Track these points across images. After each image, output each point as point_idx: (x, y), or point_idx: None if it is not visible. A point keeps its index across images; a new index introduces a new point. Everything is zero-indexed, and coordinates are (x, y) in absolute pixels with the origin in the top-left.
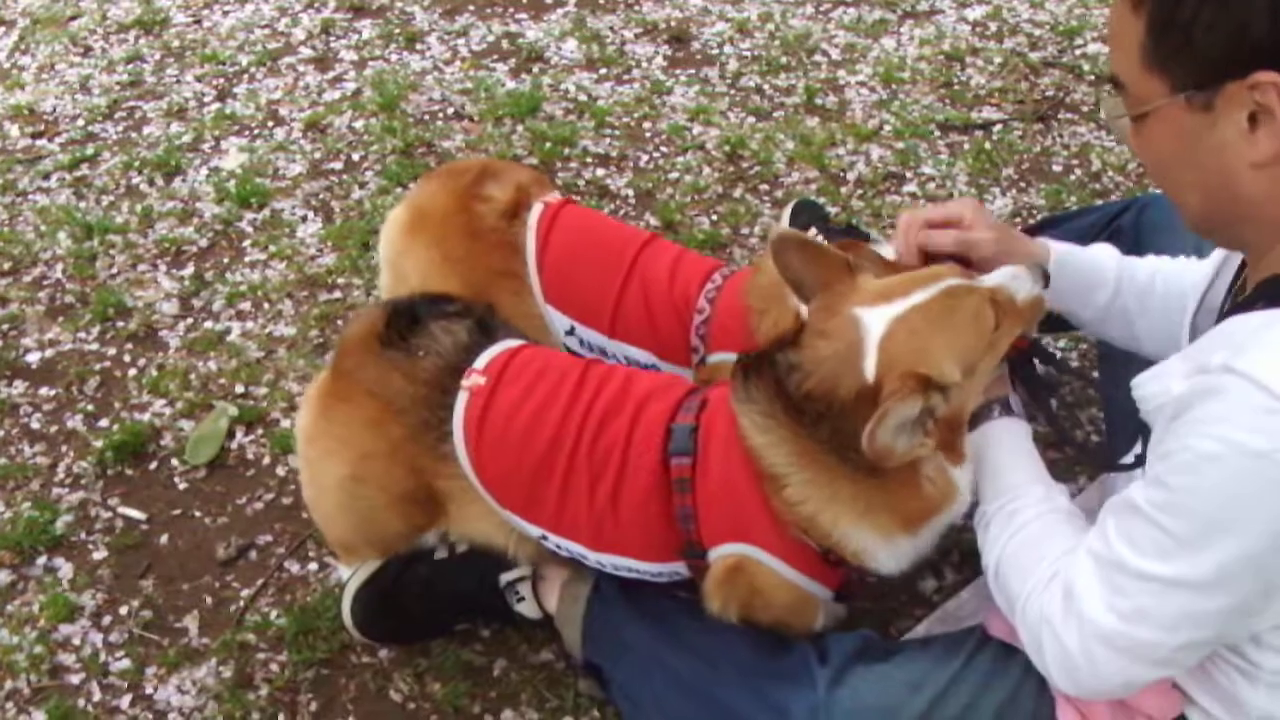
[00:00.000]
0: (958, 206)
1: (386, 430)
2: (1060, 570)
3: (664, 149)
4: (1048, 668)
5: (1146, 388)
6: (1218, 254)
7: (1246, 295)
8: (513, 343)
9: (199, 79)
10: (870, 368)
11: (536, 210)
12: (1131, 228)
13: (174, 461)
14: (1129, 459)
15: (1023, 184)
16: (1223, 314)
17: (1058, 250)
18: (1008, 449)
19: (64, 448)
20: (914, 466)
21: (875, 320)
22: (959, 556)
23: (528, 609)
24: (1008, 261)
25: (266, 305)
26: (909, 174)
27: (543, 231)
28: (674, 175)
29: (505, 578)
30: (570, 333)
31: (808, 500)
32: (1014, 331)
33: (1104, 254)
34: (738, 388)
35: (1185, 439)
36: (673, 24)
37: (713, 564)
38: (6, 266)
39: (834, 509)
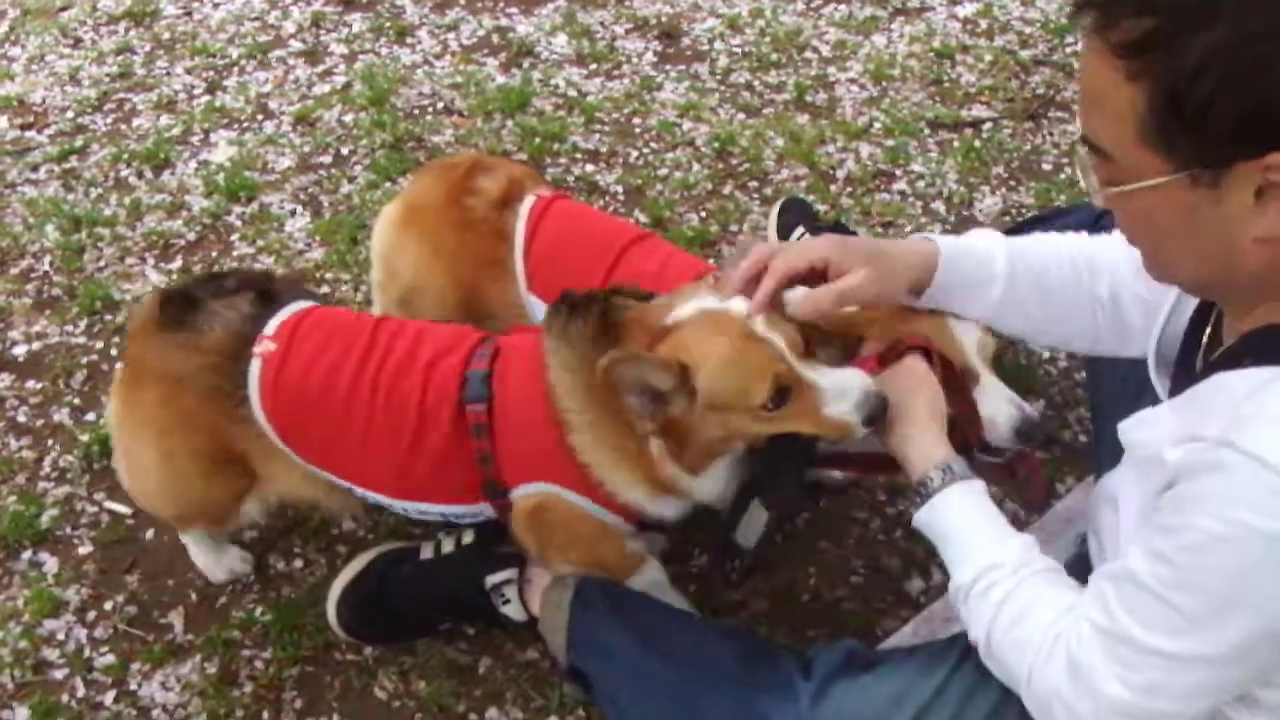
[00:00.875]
0: (821, 249)
1: (179, 403)
2: (1060, 638)
3: (653, 145)
4: None
5: (1135, 434)
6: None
7: (1231, 348)
8: (301, 305)
9: (189, 71)
10: (675, 317)
11: (529, 201)
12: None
13: None
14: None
15: (1012, 182)
16: (1194, 355)
17: (947, 252)
18: (962, 520)
19: (50, 441)
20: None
21: (707, 299)
22: None
23: (513, 611)
24: (888, 298)
25: None
26: (899, 172)
27: (534, 221)
28: (663, 172)
29: (491, 580)
30: None
31: (588, 445)
32: (798, 428)
33: (993, 246)
34: (554, 326)
35: (1190, 516)
36: (663, 20)
37: (516, 504)
38: None
39: (603, 455)
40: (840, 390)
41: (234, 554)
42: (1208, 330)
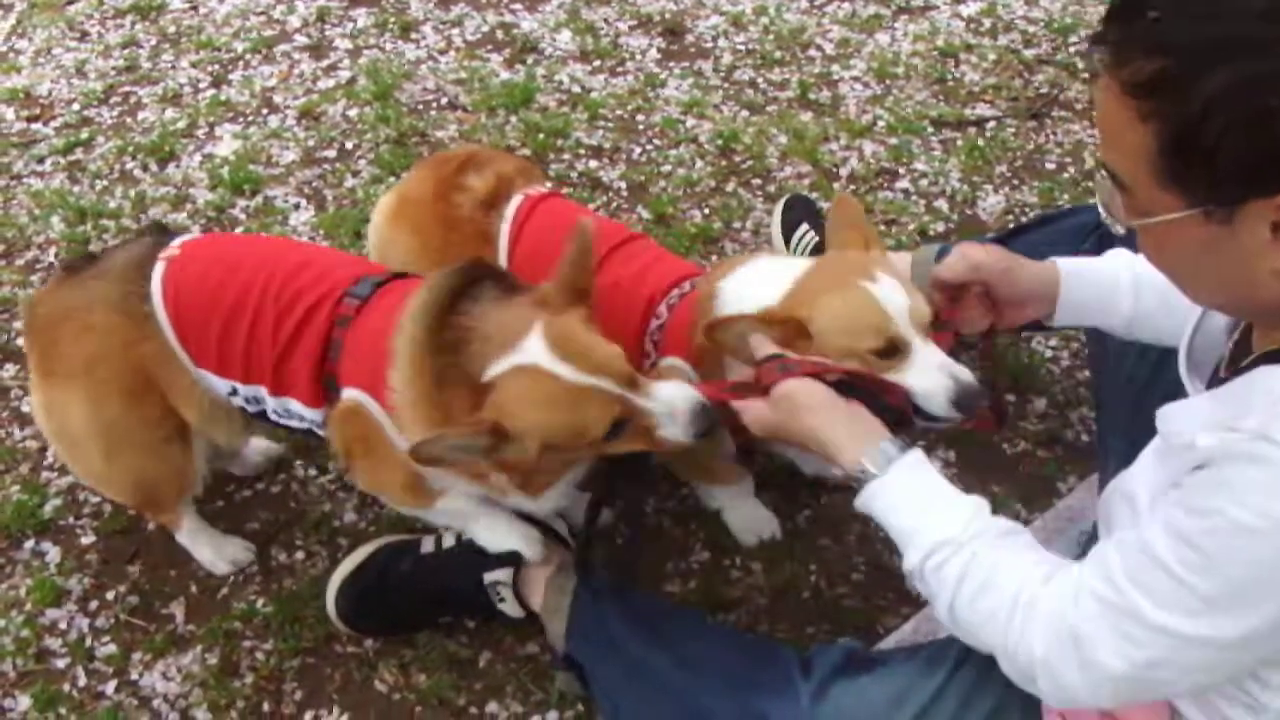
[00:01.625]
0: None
1: (94, 320)
2: (1035, 604)
3: (657, 142)
4: (1049, 697)
5: (1173, 423)
6: None
7: (1274, 347)
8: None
9: (194, 65)
10: (491, 373)
11: (515, 202)
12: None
13: None
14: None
15: (1015, 181)
16: (1233, 352)
17: (1066, 269)
18: (903, 504)
19: None
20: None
21: (531, 350)
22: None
23: (509, 608)
24: (1010, 290)
25: None
26: (902, 170)
27: (518, 223)
28: (666, 168)
29: (488, 577)
30: None
31: (399, 394)
32: (634, 448)
33: (1117, 262)
34: (442, 274)
35: (1221, 503)
36: (667, 17)
37: (338, 405)
38: (0, 250)
39: (410, 414)
40: (668, 411)
41: (236, 544)
42: (1235, 335)
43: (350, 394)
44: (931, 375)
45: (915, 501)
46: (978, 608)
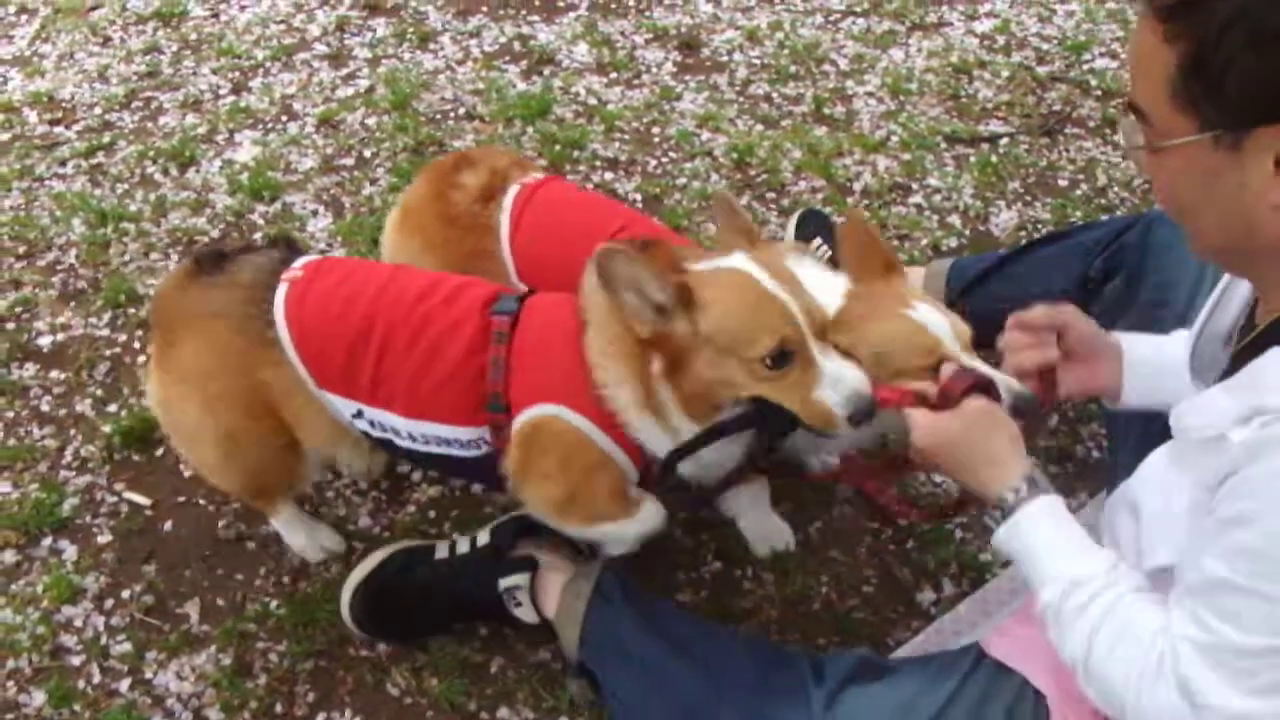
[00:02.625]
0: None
1: (214, 339)
2: (1164, 659)
3: (672, 154)
4: None
5: (1189, 419)
6: (1217, 287)
7: (1275, 324)
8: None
9: (215, 72)
10: (695, 270)
11: (512, 191)
12: (1138, 244)
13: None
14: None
15: (1028, 198)
16: (1240, 343)
17: (1130, 342)
18: (1048, 541)
19: (72, 431)
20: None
21: (736, 260)
22: (958, 569)
23: (524, 614)
24: (1091, 343)
25: None
26: (915, 185)
27: (516, 212)
28: (681, 181)
29: (504, 583)
30: None
31: (597, 348)
32: (781, 399)
33: (1174, 336)
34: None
35: (1265, 500)
36: (683, 31)
37: (516, 426)
38: (21, 250)
39: (609, 359)
40: (835, 379)
41: (327, 532)
42: (1240, 321)
43: (536, 410)
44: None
45: (1063, 537)
46: (1117, 654)
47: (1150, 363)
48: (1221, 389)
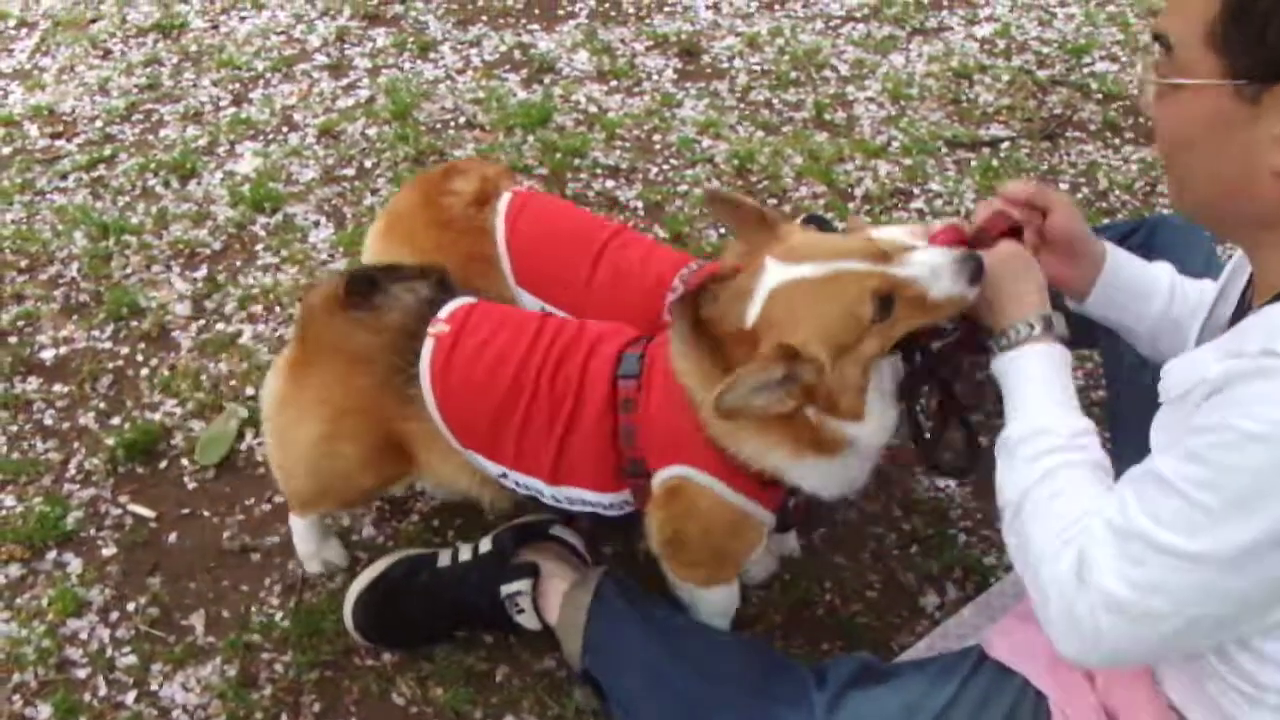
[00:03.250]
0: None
1: (356, 383)
2: (1075, 536)
3: (673, 161)
4: (1050, 624)
5: (1175, 374)
6: (1224, 272)
7: (1274, 295)
8: (471, 299)
9: (215, 84)
10: (752, 316)
11: (505, 198)
12: (1141, 249)
13: (184, 461)
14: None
15: None
16: (1238, 317)
17: (1114, 249)
18: (1038, 378)
19: (76, 444)
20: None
21: (774, 274)
22: (961, 573)
23: (527, 621)
24: (1070, 235)
25: (278, 309)
26: (916, 190)
27: (512, 216)
28: (683, 188)
29: (506, 590)
30: None
31: (713, 421)
32: (914, 323)
33: (1158, 266)
34: (674, 315)
35: (1227, 417)
36: (683, 38)
37: (655, 488)
38: (23, 264)
39: (740, 430)
40: (931, 270)
41: (334, 546)
42: (1238, 295)
43: (669, 472)
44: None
45: (1050, 384)
46: (1040, 512)
47: (1129, 282)
48: (1210, 346)
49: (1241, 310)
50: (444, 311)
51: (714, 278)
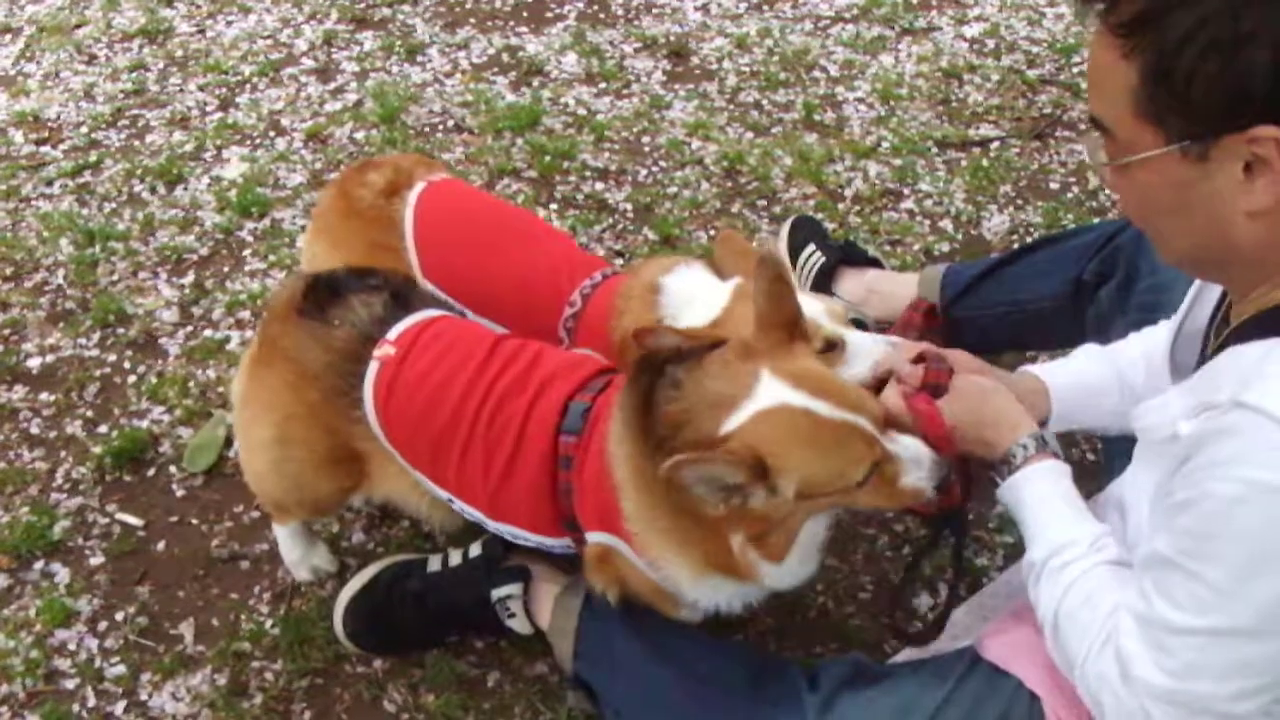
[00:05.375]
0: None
1: (304, 394)
2: (1110, 633)
3: (663, 163)
4: None
5: (1147, 419)
6: (1194, 283)
7: (1238, 326)
8: (431, 314)
9: (202, 88)
10: (730, 425)
11: (418, 188)
12: (1131, 246)
13: (172, 469)
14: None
15: (1020, 201)
16: (1208, 343)
17: (1054, 386)
18: (1046, 495)
19: (63, 453)
20: (724, 530)
21: (771, 393)
22: (953, 574)
23: (518, 625)
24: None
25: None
26: (906, 191)
27: (421, 207)
28: (672, 190)
29: (496, 594)
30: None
31: (633, 517)
32: (875, 499)
33: (1091, 363)
34: (621, 396)
35: (1204, 484)
36: (672, 39)
37: (587, 548)
38: (9, 271)
39: (652, 534)
40: (916, 460)
41: (321, 552)
42: (1214, 323)
43: (597, 538)
44: (869, 351)
45: (1053, 502)
46: (1077, 618)
47: (1071, 389)
48: (1177, 390)
49: (1224, 322)
50: (394, 332)
51: (677, 355)
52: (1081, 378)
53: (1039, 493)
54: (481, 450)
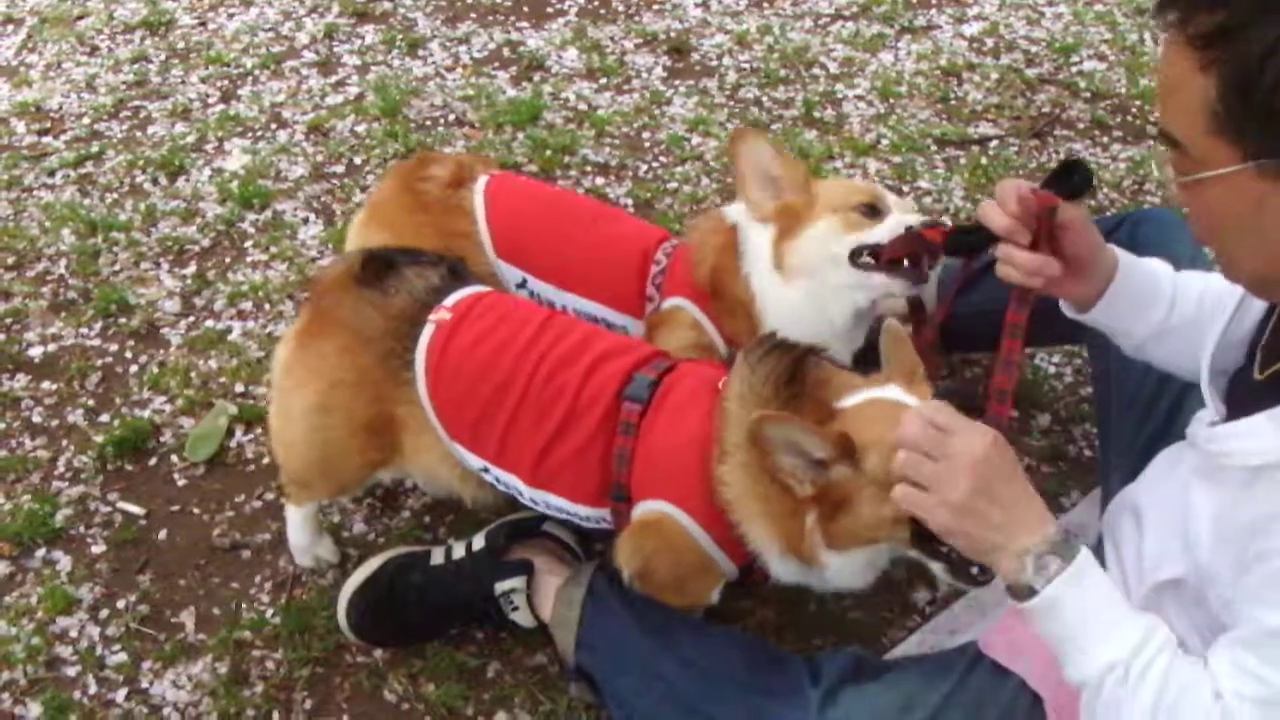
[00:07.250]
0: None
1: (355, 358)
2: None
3: (663, 159)
4: None
5: (1228, 444)
6: (1235, 290)
7: None
8: (481, 289)
9: (203, 80)
10: (847, 404)
11: (483, 179)
12: (1126, 244)
13: (174, 458)
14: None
15: None
16: (1254, 355)
17: (1124, 259)
18: (1097, 604)
19: (65, 442)
20: (803, 510)
21: (891, 391)
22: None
23: (522, 617)
24: (1087, 253)
25: (267, 305)
26: (905, 188)
27: (490, 194)
28: (672, 185)
29: (500, 587)
30: (521, 285)
31: (735, 482)
32: (897, 535)
33: (1163, 272)
34: (750, 355)
35: None
36: (672, 35)
37: (634, 516)
38: (11, 261)
39: (749, 499)
40: None
41: (326, 544)
42: (1265, 337)
43: (652, 505)
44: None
45: (1103, 604)
46: (1183, 710)
47: (1134, 294)
48: (1266, 418)
49: (1273, 345)
50: (449, 300)
51: (817, 350)
52: (1151, 279)
53: (1086, 604)
54: (533, 414)
